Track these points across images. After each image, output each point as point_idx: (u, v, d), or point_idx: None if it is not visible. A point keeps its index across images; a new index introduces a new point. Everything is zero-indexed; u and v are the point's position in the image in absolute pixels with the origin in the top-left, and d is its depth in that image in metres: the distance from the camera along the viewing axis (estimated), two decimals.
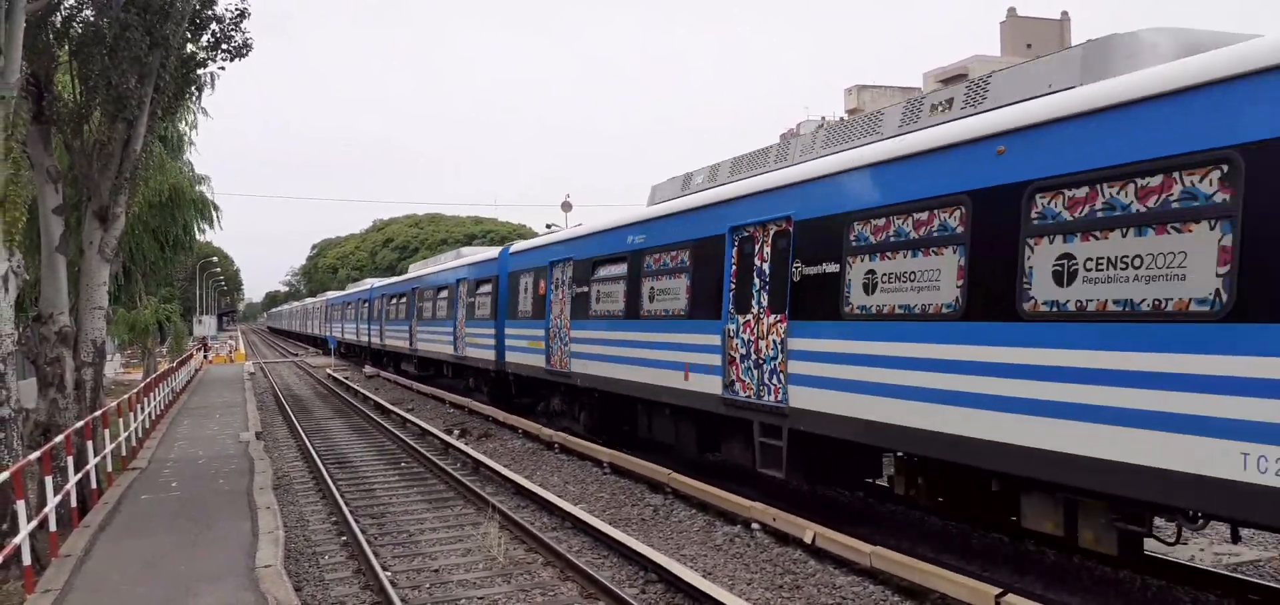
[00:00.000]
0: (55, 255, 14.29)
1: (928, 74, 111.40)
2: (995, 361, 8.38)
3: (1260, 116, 6.36)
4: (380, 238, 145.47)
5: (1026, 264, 8.12)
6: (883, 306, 9.91)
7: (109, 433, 15.85)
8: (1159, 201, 7.07)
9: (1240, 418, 6.36)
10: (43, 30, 13.76)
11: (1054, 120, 8.06)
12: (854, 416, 10.25)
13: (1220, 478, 6.50)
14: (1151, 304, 7.07)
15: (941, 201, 9.17)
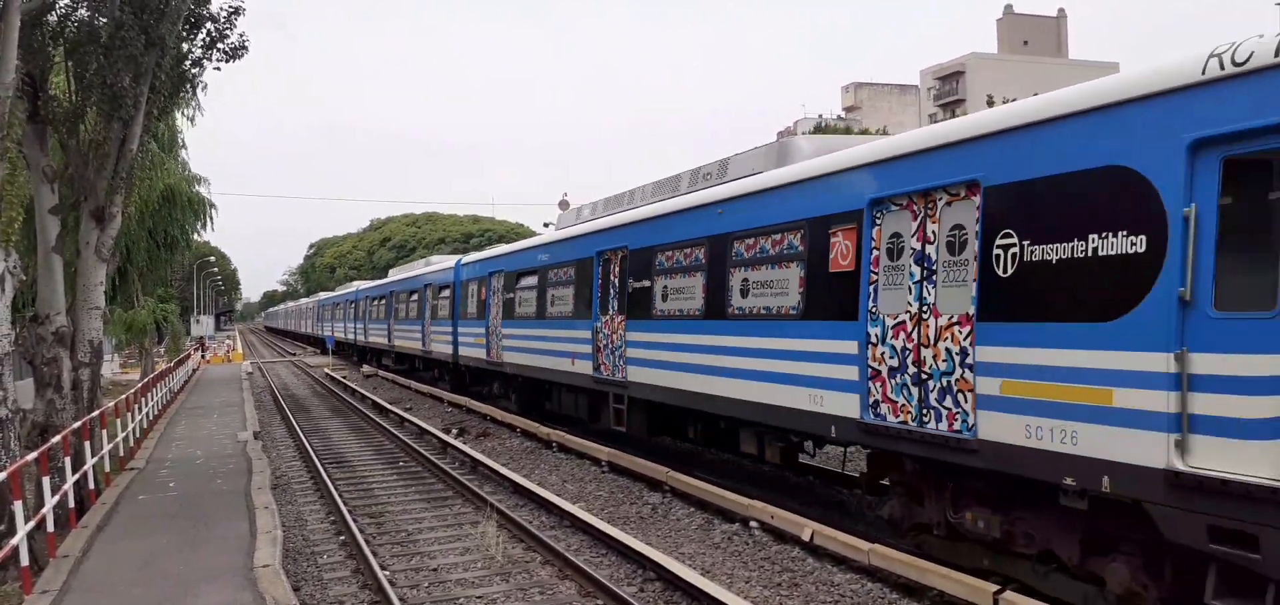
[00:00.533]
0: (52, 255, 14.26)
1: (925, 71, 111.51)
2: (718, 345, 12.89)
3: (813, 206, 11.03)
4: (377, 237, 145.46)
5: (730, 283, 12.69)
6: (670, 310, 14.45)
7: (107, 433, 15.82)
8: (780, 250, 11.67)
9: (807, 374, 10.88)
10: (37, 30, 13.72)
11: (737, 196, 12.82)
12: (661, 385, 14.64)
13: (802, 409, 10.94)
14: (777, 309, 11.66)
15: (696, 241, 13.76)
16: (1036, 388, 7.83)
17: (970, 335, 8.51)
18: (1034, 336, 7.92)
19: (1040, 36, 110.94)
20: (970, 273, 8.60)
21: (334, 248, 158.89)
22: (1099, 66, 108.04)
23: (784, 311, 11.47)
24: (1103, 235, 7.32)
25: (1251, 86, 6.31)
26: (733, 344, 12.51)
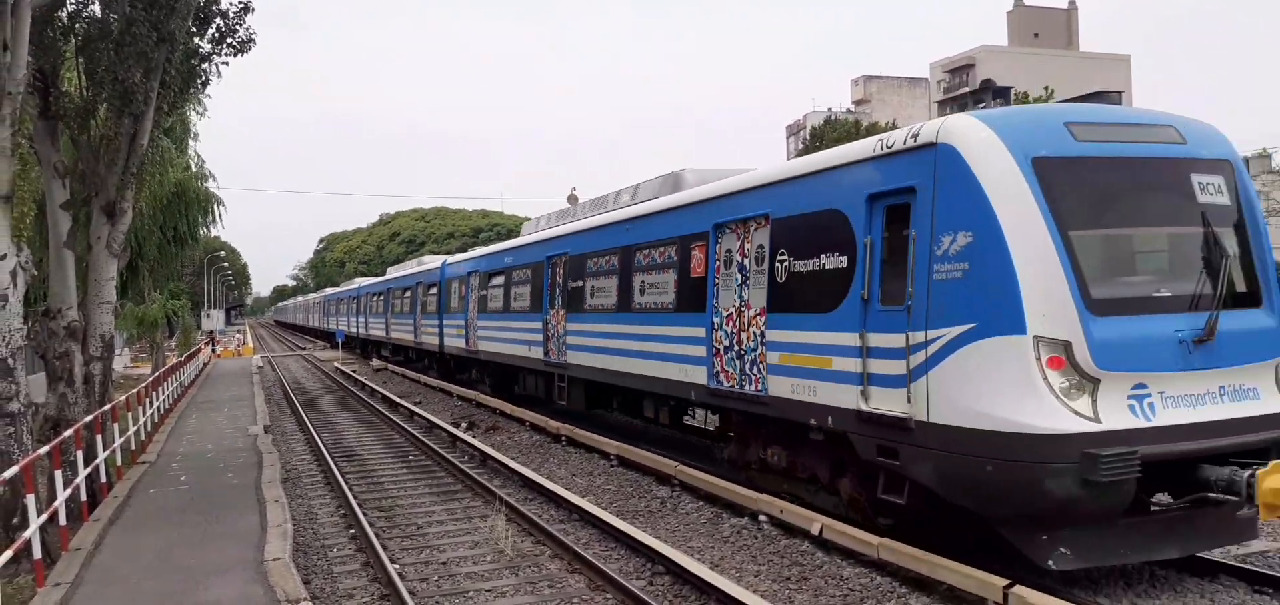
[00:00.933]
0: (63, 250, 14.31)
1: (935, 64, 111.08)
2: (626, 333, 15.88)
3: (682, 226, 14.12)
4: (387, 232, 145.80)
5: (633, 285, 15.81)
6: (596, 305, 17.65)
7: (118, 427, 15.91)
8: (663, 259, 14.76)
9: (679, 354, 13.83)
10: (49, 26, 13.76)
11: (637, 216, 16.16)
12: (591, 366, 17.85)
13: (682, 380, 13.87)
14: (661, 305, 14.73)
15: (612, 250, 16.96)
16: (796, 359, 10.99)
17: (764, 323, 11.71)
18: (795, 324, 11.11)
19: (1051, 29, 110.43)
20: (765, 279, 11.78)
21: (343, 242, 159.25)
22: (1110, 59, 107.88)
23: (665, 307, 14.69)
24: (827, 255, 10.51)
25: (896, 162, 9.69)
26: (635, 332, 15.77)
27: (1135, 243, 9.41)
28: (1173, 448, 8.29)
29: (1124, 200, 9.11)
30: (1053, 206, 8.50)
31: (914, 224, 9.27)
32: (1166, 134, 9.42)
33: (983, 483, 8.62)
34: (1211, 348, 8.62)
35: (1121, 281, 8.95)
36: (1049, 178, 8.62)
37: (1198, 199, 9.12)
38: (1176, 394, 8.47)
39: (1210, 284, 8.86)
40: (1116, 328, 8.42)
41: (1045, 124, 9.20)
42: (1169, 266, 9.20)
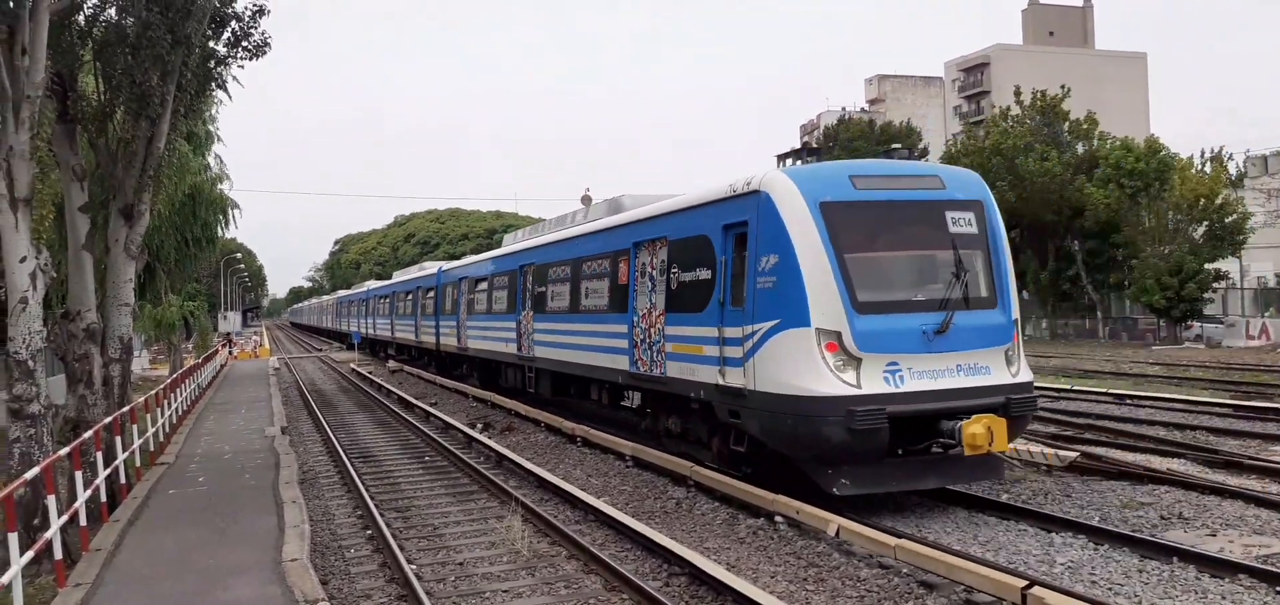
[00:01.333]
0: (82, 253, 14.43)
1: (949, 63, 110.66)
2: (576, 330, 18.88)
3: (613, 244, 17.09)
4: (402, 233, 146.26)
5: (581, 290, 18.82)
6: (555, 307, 20.68)
7: (137, 428, 16.00)
8: (601, 269, 17.70)
9: (611, 347, 16.64)
10: (66, 30, 13.87)
11: (583, 234, 19.33)
12: (551, 359, 21.03)
13: (614, 367, 16.66)
14: (599, 307, 17.66)
15: (565, 261, 20.14)
16: (683, 347, 14.12)
17: (664, 321, 14.90)
18: (682, 321, 14.26)
19: (1066, 27, 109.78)
20: (664, 287, 14.88)
21: (359, 244, 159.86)
22: (1125, 57, 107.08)
23: (601, 308, 17.75)
24: (700, 269, 13.71)
25: (738, 202, 12.86)
26: (582, 329, 18.81)
27: (895, 262, 12.41)
28: (914, 407, 11.37)
29: (888, 232, 12.28)
30: (832, 237, 11.61)
31: (748, 247, 12.47)
32: (930, 182, 12.81)
33: (787, 432, 11.81)
34: (948, 337, 11.67)
35: (880, 290, 11.94)
36: (831, 216, 11.73)
37: (949, 230, 12.28)
38: (920, 369, 11.51)
39: (951, 291, 11.97)
40: (875, 323, 11.53)
41: (833, 177, 12.43)
42: (922, 278, 12.25)
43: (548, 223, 24.51)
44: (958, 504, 12.53)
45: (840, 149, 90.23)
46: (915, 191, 12.64)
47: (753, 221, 12.38)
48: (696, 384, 13.65)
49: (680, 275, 14.41)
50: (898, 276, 12.31)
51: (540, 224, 25.85)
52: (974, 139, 60.00)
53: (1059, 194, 50.06)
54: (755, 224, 12.31)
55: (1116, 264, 50.34)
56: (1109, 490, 13.15)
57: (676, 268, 14.52)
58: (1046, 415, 20.27)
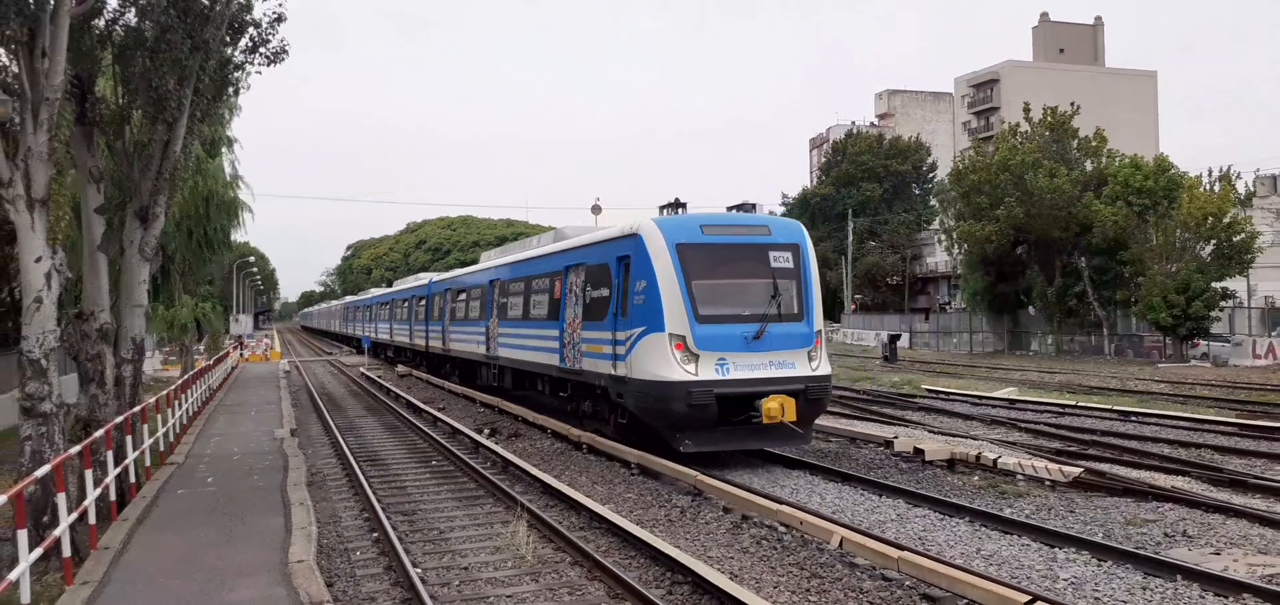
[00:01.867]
0: (97, 254, 14.56)
1: (959, 79, 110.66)
2: (527, 333, 23.01)
3: (551, 267, 21.78)
4: (413, 239, 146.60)
5: (530, 301, 23.10)
6: (512, 315, 24.98)
7: (147, 428, 16.14)
8: (543, 286, 22.34)
9: (549, 347, 21.07)
10: (86, 34, 14.03)
11: (532, 256, 24.21)
12: (510, 358, 25.11)
13: (550, 363, 21.13)
14: (542, 315, 22.02)
15: (520, 279, 24.21)
16: (592, 347, 18.20)
17: (582, 327, 18.98)
18: (592, 327, 18.42)
19: (1077, 44, 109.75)
20: (581, 301, 19.14)
21: (371, 249, 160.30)
22: (1136, 75, 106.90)
23: (543, 317, 22.10)
24: (603, 289, 17.86)
25: (625, 240, 17.26)
26: (531, 334, 23.17)
27: (728, 287, 16.52)
28: (736, 390, 15.69)
29: (724, 265, 16.58)
30: (683, 268, 15.99)
31: (630, 273, 16.90)
32: (759, 230, 17.21)
33: (650, 407, 16.16)
34: (763, 341, 15.98)
35: (715, 306, 16.15)
36: (684, 254, 16.10)
37: (770, 265, 16.58)
38: (742, 363, 15.86)
39: (768, 308, 16.30)
40: (710, 330, 15.86)
41: (689, 224, 16.84)
42: (747, 299, 16.46)
43: (512, 245, 31.00)
44: (961, 517, 12.59)
45: (848, 162, 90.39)
46: (747, 237, 17.14)
47: (632, 255, 16.96)
48: (599, 374, 18.11)
49: (591, 293, 18.89)
50: (729, 297, 16.49)
51: (507, 245, 32.81)
52: (982, 155, 59.95)
53: (1067, 211, 49.99)
54: (633, 257, 16.90)
55: (1123, 281, 50.22)
56: (1113, 507, 13.18)
57: (589, 287, 19.05)
58: (1051, 431, 20.28)
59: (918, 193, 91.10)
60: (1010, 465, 15.35)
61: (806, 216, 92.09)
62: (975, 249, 56.47)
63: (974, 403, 26.83)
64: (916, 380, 34.71)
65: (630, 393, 16.63)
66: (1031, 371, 40.79)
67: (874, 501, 13.75)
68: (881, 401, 27.59)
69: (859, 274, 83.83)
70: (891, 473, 15.96)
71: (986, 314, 60.85)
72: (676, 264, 16.02)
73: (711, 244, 16.64)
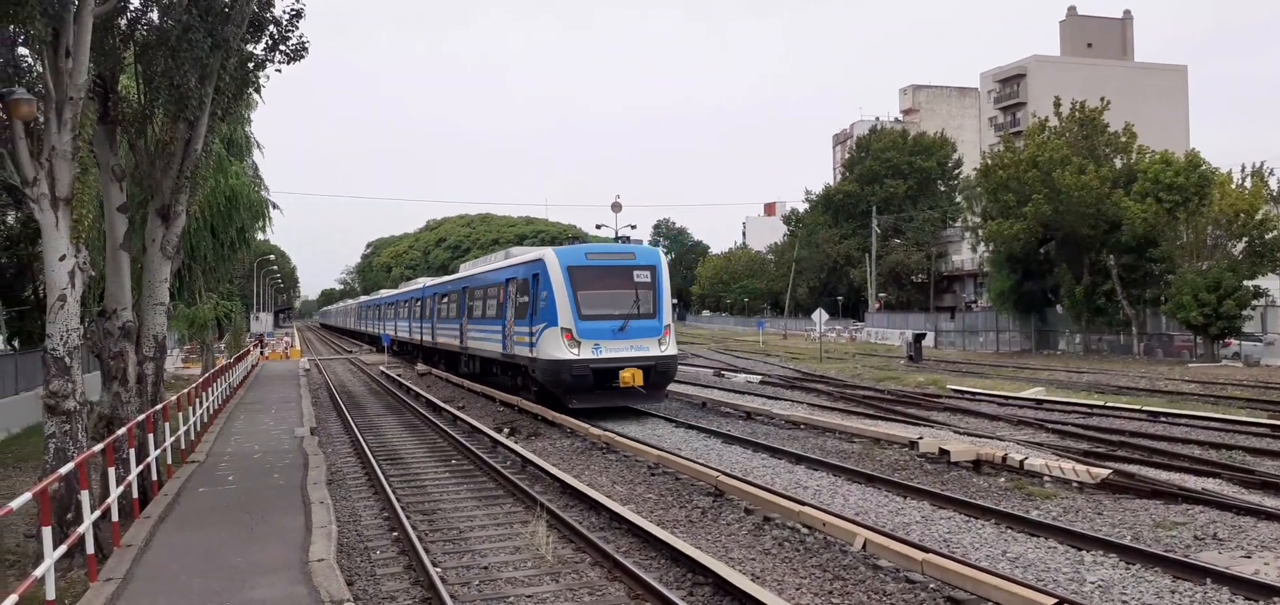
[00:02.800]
0: (119, 252, 14.63)
1: (985, 74, 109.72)
2: (485, 331, 30.40)
3: (499, 278, 29.35)
4: (433, 237, 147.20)
5: (486, 304, 30.77)
6: (476, 315, 32.35)
7: (169, 426, 16.21)
8: (494, 293, 29.79)
9: (496, 340, 28.77)
10: (109, 33, 14.09)
11: (489, 269, 31.90)
12: (476, 349, 31.95)
13: (497, 351, 28.78)
14: (493, 314, 29.70)
15: (481, 287, 32.03)
16: (520, 338, 25.07)
17: (514, 324, 25.76)
18: (520, 325, 25.36)
19: (1105, 38, 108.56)
20: (513, 305, 26.13)
21: (390, 247, 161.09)
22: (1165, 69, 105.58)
23: (493, 316, 28.69)
24: (525, 296, 24.97)
25: (535, 262, 25.04)
26: (487, 329, 29.81)
27: (603, 295, 23.04)
28: (606, 366, 22.34)
29: (600, 281, 23.01)
30: (572, 283, 22.59)
31: (541, 286, 23.47)
32: (627, 255, 24.25)
33: (550, 378, 22.76)
34: (626, 332, 22.55)
35: (594, 309, 22.67)
36: (573, 273, 22.72)
37: (634, 280, 23.20)
38: (611, 347, 22.31)
39: (630, 310, 22.96)
40: (589, 324, 22.37)
41: (578, 253, 23.93)
42: (616, 303, 23.00)
43: (482, 259, 37.93)
44: (987, 519, 12.40)
45: (872, 158, 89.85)
46: (618, 261, 24.39)
47: (540, 274, 24.10)
48: (523, 357, 25.21)
49: (519, 299, 25.94)
50: (603, 302, 23.24)
51: (480, 258, 39.82)
52: (1010, 151, 59.39)
53: (1095, 208, 49.41)
54: (540, 275, 24.05)
55: (1153, 279, 49.58)
56: (1141, 509, 12.95)
57: (517, 295, 26.16)
58: (1079, 432, 20.00)
59: (943, 190, 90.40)
60: (1037, 466, 15.13)
61: (830, 213, 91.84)
62: (1002, 247, 55.95)
63: (1000, 403, 26.53)
64: (942, 380, 34.39)
65: (538, 369, 23.87)
66: (1059, 371, 40.35)
67: (898, 503, 13.59)
68: (906, 402, 27.34)
69: (883, 272, 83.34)
70: (916, 474, 15.78)
71: (1013, 313, 60.28)
72: (567, 281, 23.08)
73: (592, 266, 23.80)
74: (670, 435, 20.82)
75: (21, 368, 26.02)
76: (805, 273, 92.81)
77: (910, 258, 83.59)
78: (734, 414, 24.35)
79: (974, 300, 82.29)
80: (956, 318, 72.50)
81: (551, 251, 24.32)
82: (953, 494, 13.80)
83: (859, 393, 30.06)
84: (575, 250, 24.98)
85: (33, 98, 11.54)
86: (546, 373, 23.28)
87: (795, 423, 21.83)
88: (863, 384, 34.23)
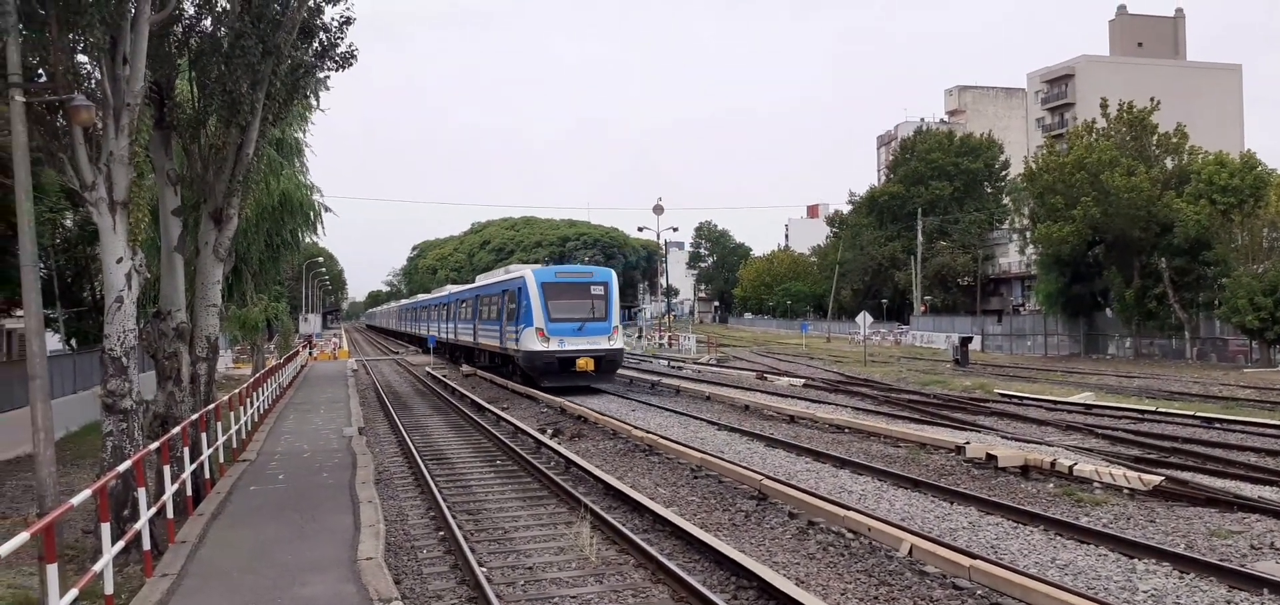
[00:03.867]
0: (174, 254, 14.94)
1: (1032, 74, 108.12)
2: (491, 329, 38.51)
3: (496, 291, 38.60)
4: (477, 240, 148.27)
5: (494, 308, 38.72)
6: (485, 317, 40.72)
7: (221, 425, 16.51)
8: (496, 300, 38.05)
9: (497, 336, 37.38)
10: (165, 41, 14.40)
11: (491, 283, 41.62)
12: (485, 346, 40.54)
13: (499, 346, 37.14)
14: (494, 317, 38.31)
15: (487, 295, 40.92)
16: (510, 336, 34.19)
17: (509, 324, 34.54)
18: (511, 325, 34.25)
19: (1156, 38, 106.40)
20: (509, 311, 34.78)
21: (436, 250, 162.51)
22: (1219, 68, 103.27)
23: (495, 318, 37.41)
24: (512, 304, 34.20)
25: (517, 279, 34.57)
26: (490, 328, 38.07)
27: (567, 303, 31.55)
28: (568, 355, 30.96)
29: (566, 294, 31.79)
30: (544, 295, 31.44)
31: (523, 297, 32.35)
32: (585, 275, 34.38)
33: (527, 365, 31.79)
34: (583, 331, 31.34)
35: (560, 314, 31.28)
36: (546, 288, 31.69)
37: (590, 293, 32.12)
38: (573, 341, 31.06)
39: (588, 315, 31.79)
40: (557, 325, 31.19)
41: (549, 272, 33.57)
42: (576, 310, 31.59)
43: (490, 273, 48.05)
44: (1035, 525, 12.24)
45: (917, 159, 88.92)
46: (579, 279, 33.07)
47: (521, 288, 32.21)
48: (512, 349, 33.32)
49: (509, 306, 34.43)
50: (567, 309, 31.17)
51: (490, 272, 50.75)
52: (1056, 153, 58.46)
53: (1146, 210, 48.50)
54: (522, 289, 31.95)
55: (1206, 283, 48.52)
56: (1195, 517, 12.69)
57: (510, 303, 34.26)
58: (1129, 438, 19.65)
59: (990, 191, 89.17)
60: (1087, 472, 14.89)
61: (874, 215, 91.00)
62: (1049, 249, 55.09)
63: (1048, 408, 26.14)
64: (988, 384, 33.95)
65: (521, 358, 32.47)
66: (1109, 376, 39.63)
67: (944, 509, 13.45)
68: (952, 406, 27.04)
69: (929, 274, 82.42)
70: (962, 479, 15.61)
71: (1061, 316, 59.35)
72: (542, 293, 31.46)
73: (560, 282, 32.43)
74: (713, 438, 20.81)
75: (79, 367, 26.67)
76: (849, 275, 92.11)
77: (956, 260, 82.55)
78: (777, 418, 24.25)
79: (1021, 303, 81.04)
80: (1003, 321, 71.47)
81: (530, 270, 33.37)
82: (1000, 500, 13.63)
83: (904, 397, 29.78)
84: (548, 270, 34.74)
85: (92, 104, 11.83)
86: (526, 360, 31.93)
87: (839, 427, 21.70)
88: (908, 388, 33.90)
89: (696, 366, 47.74)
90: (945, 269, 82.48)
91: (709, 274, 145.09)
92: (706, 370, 44.81)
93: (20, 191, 11.41)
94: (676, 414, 25.36)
